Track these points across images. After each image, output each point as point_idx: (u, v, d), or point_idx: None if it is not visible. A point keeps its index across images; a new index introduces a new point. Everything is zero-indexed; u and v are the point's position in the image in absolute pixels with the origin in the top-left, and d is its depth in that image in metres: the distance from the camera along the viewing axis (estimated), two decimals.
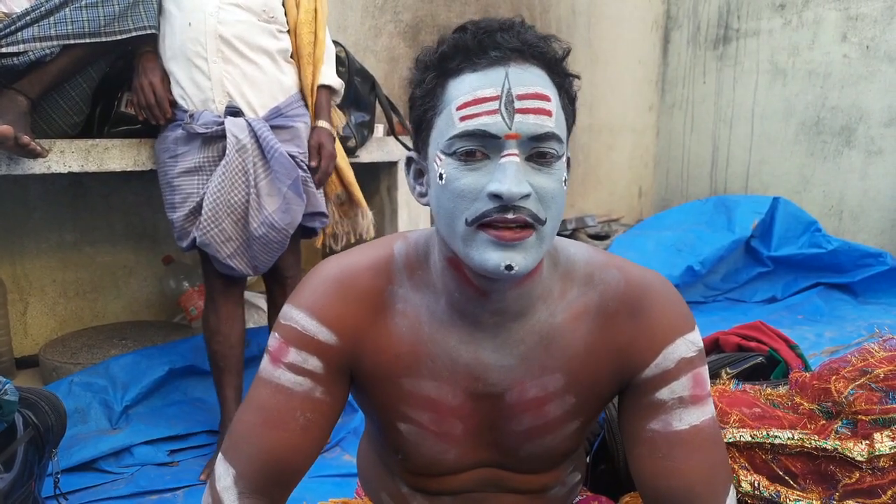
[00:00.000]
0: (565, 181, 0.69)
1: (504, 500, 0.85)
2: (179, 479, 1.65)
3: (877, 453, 0.92)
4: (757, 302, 3.19)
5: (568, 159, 0.74)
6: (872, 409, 0.96)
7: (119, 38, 1.56)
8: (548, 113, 0.65)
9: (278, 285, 1.82)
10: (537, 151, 0.65)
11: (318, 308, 0.75)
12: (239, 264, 1.64)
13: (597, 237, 3.82)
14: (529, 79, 0.65)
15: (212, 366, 1.77)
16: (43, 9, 1.49)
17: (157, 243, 2.45)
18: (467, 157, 0.65)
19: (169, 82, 1.65)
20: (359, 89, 2.06)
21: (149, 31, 1.59)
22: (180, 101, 1.65)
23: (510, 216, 0.63)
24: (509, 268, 0.64)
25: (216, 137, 1.61)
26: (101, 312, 2.38)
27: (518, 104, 0.64)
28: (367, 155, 2.14)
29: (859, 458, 0.93)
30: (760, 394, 1.11)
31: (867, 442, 0.93)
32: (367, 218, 2.02)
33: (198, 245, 1.62)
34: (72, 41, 1.52)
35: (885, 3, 3.32)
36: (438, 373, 0.77)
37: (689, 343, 0.75)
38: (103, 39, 1.55)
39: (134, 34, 1.57)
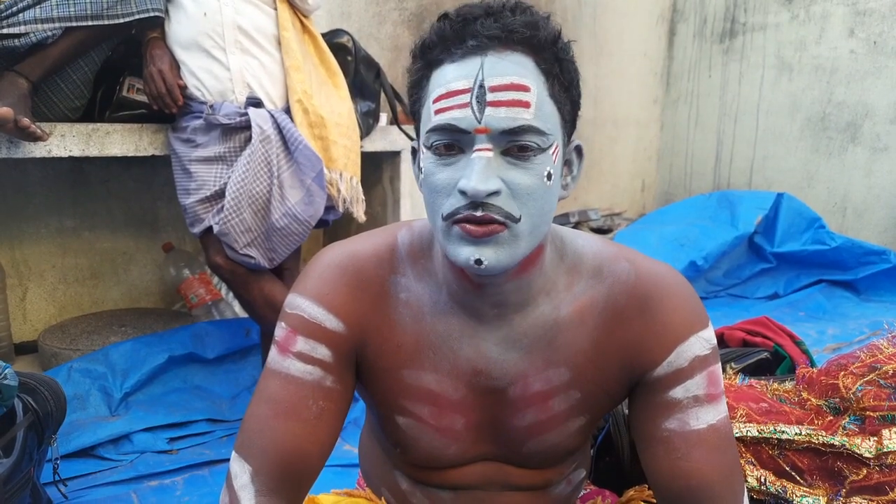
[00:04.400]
0: (549, 175, 0.65)
1: (506, 497, 0.83)
2: (178, 467, 1.64)
3: (885, 450, 0.91)
4: (759, 298, 3.18)
5: (579, 148, 0.72)
6: (881, 405, 0.95)
7: (122, 20, 1.54)
8: (524, 104, 0.62)
9: (276, 275, 1.80)
10: (515, 145, 0.63)
11: (323, 296, 0.74)
12: (256, 254, 1.63)
13: (599, 231, 3.81)
14: (506, 68, 0.62)
15: None
16: None
17: (157, 230, 2.44)
18: (443, 152, 0.64)
19: (178, 68, 1.63)
20: (364, 78, 2.04)
21: (152, 14, 1.57)
22: (196, 93, 1.63)
23: (478, 213, 0.62)
24: (479, 262, 0.63)
25: (238, 128, 1.60)
26: (100, 299, 2.37)
27: (490, 97, 0.61)
28: (370, 144, 2.12)
29: (867, 454, 0.92)
30: (767, 389, 1.10)
31: (875, 438, 0.93)
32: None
33: (216, 234, 1.61)
34: (74, 23, 1.50)
35: None
36: (439, 365, 0.76)
37: (704, 341, 0.73)
38: (106, 22, 1.53)
39: (137, 17, 1.55)
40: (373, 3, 2.93)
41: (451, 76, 0.63)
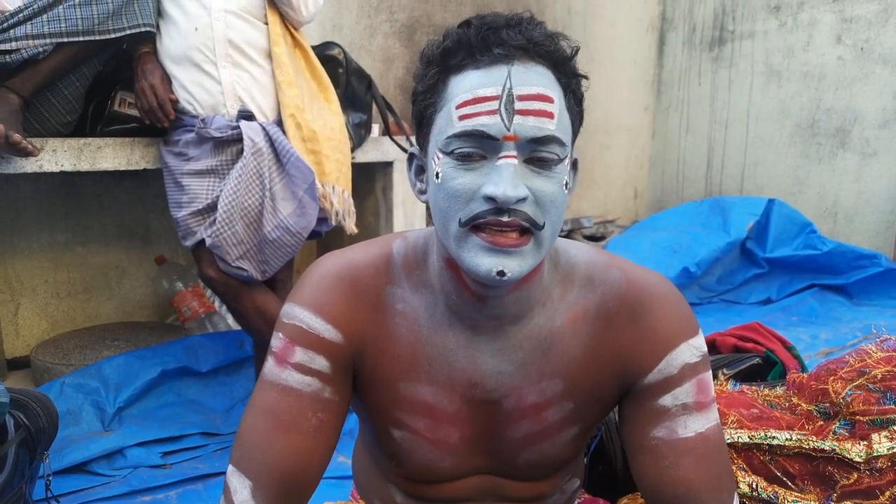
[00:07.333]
0: (567, 185, 0.67)
1: None
2: (172, 482, 1.63)
3: (875, 454, 0.92)
4: (752, 303, 3.20)
5: (575, 161, 0.73)
6: (870, 409, 0.96)
7: (113, 36, 1.55)
8: (549, 115, 0.63)
9: (269, 287, 1.80)
10: (537, 155, 0.63)
11: (321, 305, 0.73)
12: (248, 266, 1.63)
13: (592, 238, 3.82)
14: (532, 78, 0.63)
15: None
16: (36, 6, 1.48)
17: (150, 243, 2.44)
18: (464, 158, 0.64)
19: (170, 82, 1.64)
20: (355, 89, 2.05)
21: (143, 30, 1.58)
22: (187, 107, 1.64)
23: (505, 219, 0.62)
24: (501, 273, 0.63)
25: (229, 141, 1.61)
26: (93, 313, 2.36)
27: (518, 105, 0.62)
28: (362, 155, 2.13)
29: (857, 458, 0.92)
30: (758, 395, 1.11)
31: (865, 443, 0.93)
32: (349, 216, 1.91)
33: (208, 246, 1.61)
34: (65, 39, 1.51)
35: (879, 6, 3.33)
36: (435, 377, 0.75)
37: (693, 348, 0.73)
38: (97, 38, 1.53)
39: (128, 32, 1.56)
40: (364, 15, 2.95)
41: (478, 82, 0.63)
